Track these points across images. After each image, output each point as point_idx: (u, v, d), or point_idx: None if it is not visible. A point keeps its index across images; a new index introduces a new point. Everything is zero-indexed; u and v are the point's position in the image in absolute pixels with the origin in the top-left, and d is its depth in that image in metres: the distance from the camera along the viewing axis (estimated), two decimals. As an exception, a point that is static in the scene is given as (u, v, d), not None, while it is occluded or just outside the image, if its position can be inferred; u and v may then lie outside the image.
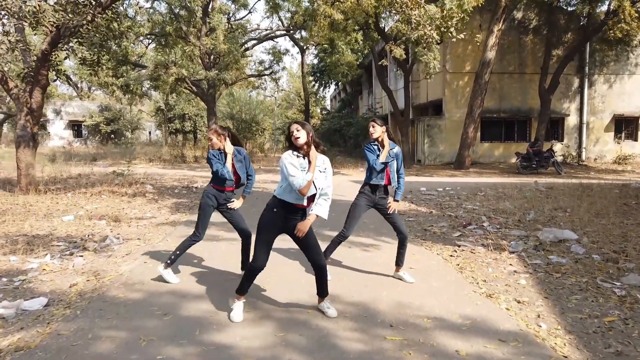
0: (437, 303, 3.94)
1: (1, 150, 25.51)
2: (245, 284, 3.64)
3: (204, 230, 4.53)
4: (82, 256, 5.48)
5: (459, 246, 6.01)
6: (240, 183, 4.67)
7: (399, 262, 4.63)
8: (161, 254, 5.60)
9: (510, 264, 5.20)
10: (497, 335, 3.31)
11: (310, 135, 3.50)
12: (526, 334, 3.35)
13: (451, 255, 5.60)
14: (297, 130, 3.46)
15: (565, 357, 3.02)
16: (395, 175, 4.58)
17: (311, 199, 3.53)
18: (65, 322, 3.50)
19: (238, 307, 3.65)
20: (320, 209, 3.54)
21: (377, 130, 4.46)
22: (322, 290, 3.73)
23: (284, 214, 3.54)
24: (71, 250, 5.72)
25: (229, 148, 4.59)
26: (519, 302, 4.02)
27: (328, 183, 3.59)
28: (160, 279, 4.48)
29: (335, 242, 4.65)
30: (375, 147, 4.50)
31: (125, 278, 4.60)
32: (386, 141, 4.49)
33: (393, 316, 3.66)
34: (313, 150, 3.49)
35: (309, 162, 3.48)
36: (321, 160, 3.56)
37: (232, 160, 4.57)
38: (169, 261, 4.50)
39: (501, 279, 4.67)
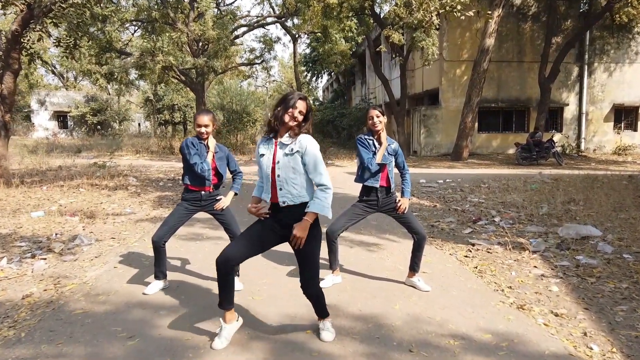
0: (461, 318, 3.28)
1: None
2: (221, 292, 2.79)
3: (162, 230, 3.77)
4: (45, 259, 4.77)
5: (473, 245, 5.37)
6: (219, 184, 3.96)
7: (414, 268, 3.94)
8: (135, 256, 4.89)
9: (535, 266, 4.56)
10: (544, 362, 2.67)
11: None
12: None
13: (466, 256, 4.95)
14: (301, 114, 2.74)
15: (634, 392, 2.39)
16: (394, 175, 3.90)
17: (275, 196, 2.78)
18: (3, 349, 2.79)
19: (226, 330, 2.86)
20: (317, 205, 2.69)
21: (382, 122, 3.76)
22: (319, 311, 2.98)
23: (276, 218, 2.84)
24: (33, 252, 5.00)
25: (212, 142, 3.87)
26: (556, 315, 3.38)
27: (319, 171, 2.74)
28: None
29: (329, 247, 3.96)
30: (371, 141, 3.79)
31: (89, 287, 3.89)
32: (384, 136, 3.79)
33: (411, 336, 3.00)
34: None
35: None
36: (293, 141, 2.75)
37: (214, 157, 3.85)
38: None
39: (529, 285, 4.03)
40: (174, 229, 3.82)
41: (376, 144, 3.81)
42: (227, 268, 2.73)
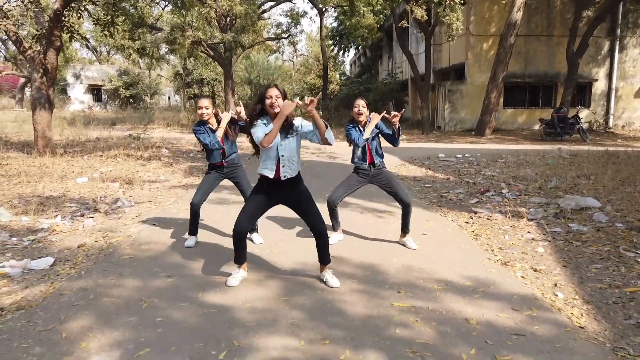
0: (448, 270, 3.79)
1: (24, 114, 25.75)
2: (237, 252, 3.45)
3: (198, 195, 4.37)
4: (92, 217, 5.47)
5: (475, 213, 5.82)
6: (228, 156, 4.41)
7: (404, 230, 4.49)
8: (170, 216, 5.56)
9: (529, 232, 5.00)
10: (510, 303, 3.17)
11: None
12: (541, 303, 3.19)
13: (467, 222, 5.42)
14: (277, 98, 3.23)
15: (582, 327, 2.86)
16: (377, 153, 4.36)
17: (277, 172, 3.31)
18: (68, 282, 3.47)
19: (237, 274, 3.50)
20: (330, 133, 3.29)
21: (365, 113, 4.24)
22: (323, 256, 3.53)
23: (272, 189, 3.39)
24: (82, 212, 5.72)
25: (214, 121, 4.32)
26: (535, 270, 3.85)
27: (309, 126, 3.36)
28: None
29: (331, 213, 4.49)
30: (357, 126, 4.28)
31: (132, 239, 4.56)
32: (367, 122, 4.28)
33: (402, 281, 3.54)
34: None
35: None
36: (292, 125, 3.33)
37: (227, 129, 4.28)
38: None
39: (518, 247, 4.49)
40: (207, 193, 4.43)
41: (361, 130, 4.26)
42: (242, 236, 3.40)
